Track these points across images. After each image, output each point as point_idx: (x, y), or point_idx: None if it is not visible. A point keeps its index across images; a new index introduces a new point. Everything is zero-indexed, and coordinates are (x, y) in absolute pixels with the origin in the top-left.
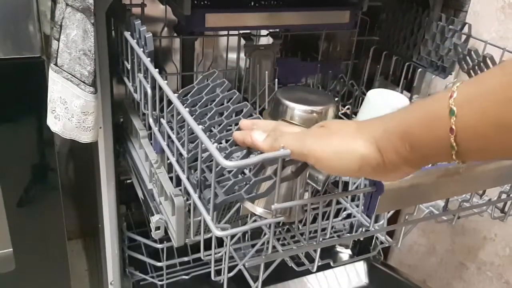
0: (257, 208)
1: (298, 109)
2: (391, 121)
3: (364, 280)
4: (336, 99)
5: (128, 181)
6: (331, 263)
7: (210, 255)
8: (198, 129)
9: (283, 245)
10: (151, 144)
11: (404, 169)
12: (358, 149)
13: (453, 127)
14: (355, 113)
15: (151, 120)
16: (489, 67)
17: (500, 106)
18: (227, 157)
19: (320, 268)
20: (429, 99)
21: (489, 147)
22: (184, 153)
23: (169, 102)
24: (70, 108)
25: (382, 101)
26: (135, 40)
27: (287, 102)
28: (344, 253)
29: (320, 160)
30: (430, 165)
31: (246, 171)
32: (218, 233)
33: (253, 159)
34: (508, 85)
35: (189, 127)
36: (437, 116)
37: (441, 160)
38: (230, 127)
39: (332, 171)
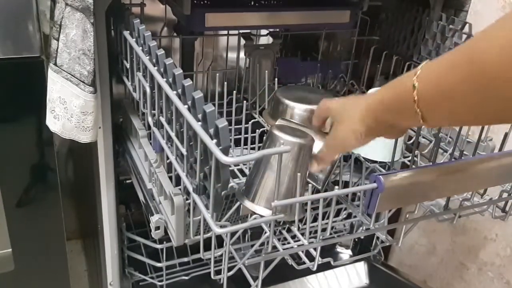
0: (257, 207)
1: (298, 108)
2: (372, 97)
3: (365, 280)
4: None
5: (128, 181)
6: (332, 262)
7: (210, 255)
8: (197, 126)
9: (283, 244)
10: (151, 143)
11: (386, 133)
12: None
13: (415, 98)
14: None
15: (150, 119)
16: None
17: (442, 75)
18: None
19: (321, 269)
20: (402, 76)
21: (443, 112)
22: (183, 150)
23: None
24: (70, 108)
25: None
26: (134, 39)
27: (287, 101)
28: (345, 253)
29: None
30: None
31: (246, 171)
32: (218, 230)
33: (252, 155)
34: (453, 58)
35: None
36: (405, 89)
37: (413, 123)
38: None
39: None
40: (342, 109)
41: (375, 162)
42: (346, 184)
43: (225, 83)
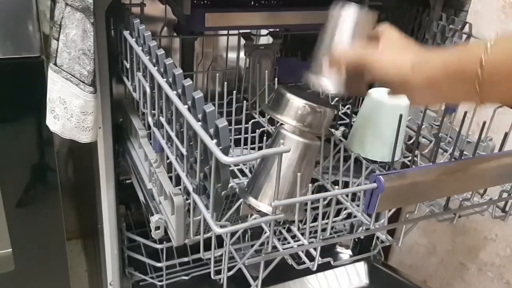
0: (260, 204)
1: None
2: (432, 53)
3: (365, 280)
4: (337, 98)
5: (128, 181)
6: (332, 262)
7: (210, 255)
8: (197, 126)
9: (283, 244)
10: (151, 143)
11: (429, 92)
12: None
13: (483, 62)
14: (355, 113)
15: (150, 119)
16: None
17: None
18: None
19: (321, 269)
20: (468, 45)
21: (503, 86)
22: (183, 150)
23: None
24: (70, 108)
25: (382, 100)
26: (134, 39)
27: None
28: (345, 254)
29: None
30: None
31: (246, 171)
32: (218, 230)
33: (252, 155)
34: None
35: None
36: (472, 52)
37: (463, 94)
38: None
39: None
40: (398, 42)
41: (375, 162)
42: (346, 184)
43: (225, 83)
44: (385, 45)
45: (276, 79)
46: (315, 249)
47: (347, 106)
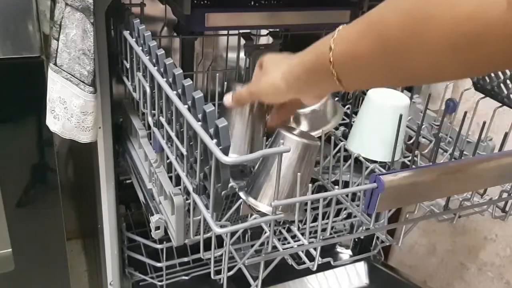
0: (260, 204)
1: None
2: (296, 56)
3: (365, 280)
4: (336, 98)
5: (128, 181)
6: (332, 262)
7: (210, 255)
8: (197, 126)
9: (283, 244)
10: (151, 143)
11: (305, 93)
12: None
13: (331, 59)
14: (355, 113)
15: (150, 119)
16: None
17: (353, 43)
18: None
19: (321, 269)
20: (323, 38)
21: (356, 75)
22: (183, 150)
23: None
24: (70, 108)
25: (382, 100)
26: (134, 39)
27: None
28: (345, 254)
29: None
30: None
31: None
32: (218, 230)
33: (253, 155)
34: (362, 28)
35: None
36: (322, 51)
37: (330, 86)
38: None
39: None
40: (271, 62)
41: (375, 162)
42: (346, 184)
43: (225, 83)
44: (263, 71)
45: None
46: (315, 249)
47: (347, 106)
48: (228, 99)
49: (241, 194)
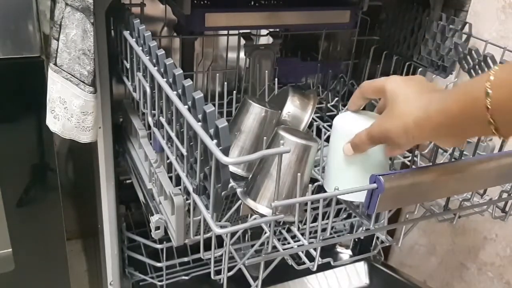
0: (259, 206)
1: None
2: (435, 104)
3: (365, 280)
4: (336, 98)
5: (128, 181)
6: (332, 262)
7: (210, 255)
8: (197, 126)
9: (283, 244)
10: (151, 143)
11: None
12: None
13: (489, 106)
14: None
15: (150, 119)
16: (489, 66)
17: None
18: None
19: (321, 269)
20: (467, 83)
21: None
22: (183, 151)
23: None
24: (70, 108)
25: (349, 127)
26: (134, 40)
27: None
28: (345, 254)
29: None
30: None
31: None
32: (218, 230)
33: (252, 155)
34: None
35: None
36: (475, 98)
37: (482, 134)
38: None
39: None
40: (402, 98)
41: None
42: None
43: (225, 83)
44: (388, 109)
45: (276, 79)
46: (315, 249)
47: (346, 107)
48: (349, 149)
49: (241, 196)
